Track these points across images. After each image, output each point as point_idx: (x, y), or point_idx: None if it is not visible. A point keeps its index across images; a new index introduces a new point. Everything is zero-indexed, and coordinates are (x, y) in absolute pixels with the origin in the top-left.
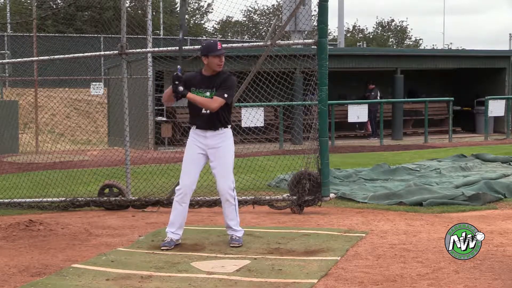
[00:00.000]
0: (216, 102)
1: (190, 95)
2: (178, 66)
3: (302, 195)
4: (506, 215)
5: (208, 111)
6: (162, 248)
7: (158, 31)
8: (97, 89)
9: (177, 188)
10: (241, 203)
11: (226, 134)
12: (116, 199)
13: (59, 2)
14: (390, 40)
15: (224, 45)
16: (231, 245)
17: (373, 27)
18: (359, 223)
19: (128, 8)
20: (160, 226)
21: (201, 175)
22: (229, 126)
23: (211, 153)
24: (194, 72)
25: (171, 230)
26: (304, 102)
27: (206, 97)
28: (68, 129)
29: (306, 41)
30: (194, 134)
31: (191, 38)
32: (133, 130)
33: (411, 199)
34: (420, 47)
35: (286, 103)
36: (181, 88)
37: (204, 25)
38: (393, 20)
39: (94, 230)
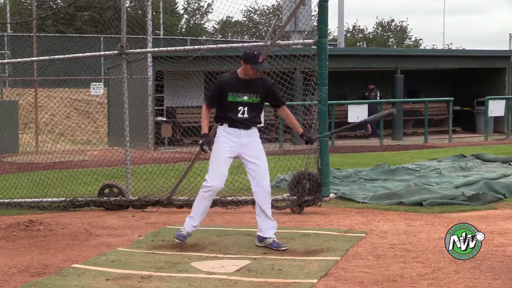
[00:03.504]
0: (287, 111)
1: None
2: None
3: (302, 195)
4: (506, 215)
5: (245, 115)
6: (178, 240)
7: (158, 31)
8: (97, 89)
9: (206, 184)
10: (241, 203)
11: (256, 132)
12: (116, 199)
13: (59, 2)
14: (390, 40)
15: (224, 45)
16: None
17: (373, 27)
18: (359, 223)
19: (128, 8)
20: (160, 226)
21: (201, 175)
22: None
23: (244, 151)
24: (230, 74)
25: (193, 221)
26: (304, 102)
27: (243, 101)
28: (68, 129)
29: (306, 41)
30: (226, 133)
31: (191, 38)
32: (133, 130)
33: (411, 199)
34: (420, 47)
35: (286, 103)
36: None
37: (204, 25)
38: (393, 20)
39: (94, 230)
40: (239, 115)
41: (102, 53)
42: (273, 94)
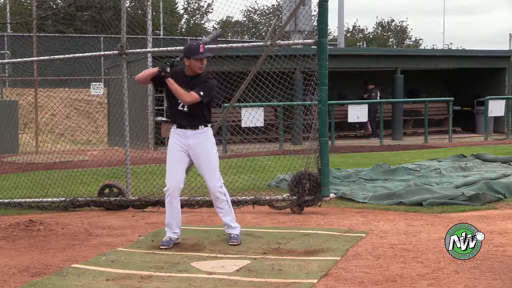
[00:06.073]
0: (191, 97)
1: (170, 80)
2: (178, 58)
3: (302, 195)
4: (506, 215)
5: (185, 109)
6: (161, 247)
7: (158, 31)
8: (97, 89)
9: (165, 189)
10: (241, 203)
11: (207, 133)
12: (116, 199)
13: (59, 2)
14: (390, 40)
15: (224, 45)
16: (230, 243)
17: (373, 27)
18: (359, 223)
19: (128, 8)
20: (160, 226)
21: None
22: (209, 125)
23: (192, 153)
24: (180, 68)
25: (169, 229)
26: (304, 102)
27: None
28: (68, 129)
29: (306, 41)
30: (175, 134)
31: (190, 38)
32: (133, 130)
33: (411, 199)
34: (420, 47)
35: (286, 103)
36: (168, 69)
37: (204, 25)
38: (393, 20)
39: (94, 230)
40: (179, 108)
41: (102, 53)
42: (198, 86)
